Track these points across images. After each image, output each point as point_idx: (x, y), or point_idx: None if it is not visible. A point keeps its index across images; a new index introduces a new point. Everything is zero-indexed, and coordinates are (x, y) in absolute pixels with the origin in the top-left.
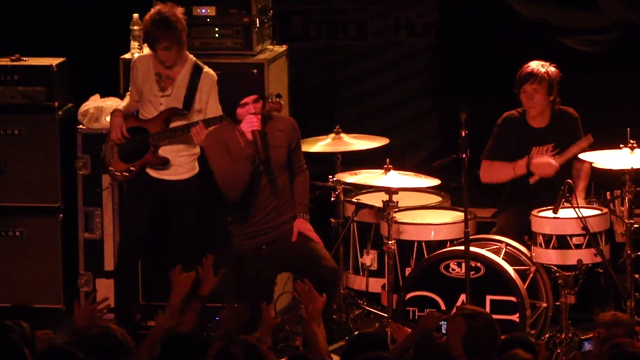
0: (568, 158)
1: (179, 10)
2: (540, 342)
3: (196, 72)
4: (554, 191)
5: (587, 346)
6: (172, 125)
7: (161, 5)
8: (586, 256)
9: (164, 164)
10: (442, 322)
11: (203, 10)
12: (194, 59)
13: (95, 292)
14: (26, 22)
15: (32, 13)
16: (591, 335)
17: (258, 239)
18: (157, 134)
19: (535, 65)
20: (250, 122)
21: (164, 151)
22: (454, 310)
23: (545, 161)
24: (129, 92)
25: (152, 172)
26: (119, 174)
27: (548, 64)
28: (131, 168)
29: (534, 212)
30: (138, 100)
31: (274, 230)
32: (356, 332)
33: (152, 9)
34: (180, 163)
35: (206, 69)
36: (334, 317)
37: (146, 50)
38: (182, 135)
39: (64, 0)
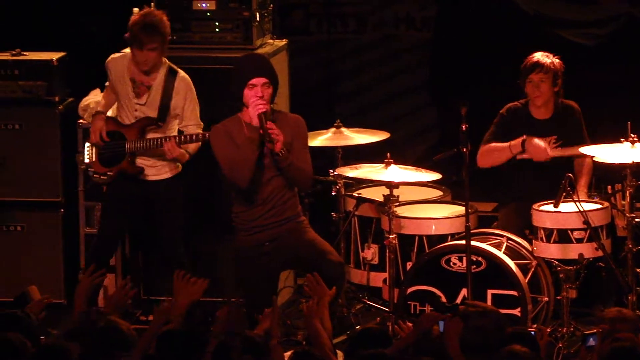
0: (565, 155)
1: (165, 17)
2: (542, 328)
3: (170, 76)
4: (555, 185)
5: (591, 341)
6: (149, 135)
7: (149, 9)
8: (587, 250)
9: (139, 173)
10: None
11: (203, 5)
12: (168, 62)
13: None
14: (27, 16)
15: (32, 8)
16: (595, 330)
17: (260, 235)
18: (132, 142)
19: (540, 55)
20: (256, 105)
21: (147, 153)
22: (462, 306)
23: (541, 146)
24: (106, 91)
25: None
26: (97, 176)
27: (552, 55)
28: (109, 173)
29: (535, 206)
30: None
31: (277, 226)
32: (358, 327)
33: (141, 11)
34: (162, 164)
35: (181, 73)
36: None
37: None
38: (158, 145)
39: None
